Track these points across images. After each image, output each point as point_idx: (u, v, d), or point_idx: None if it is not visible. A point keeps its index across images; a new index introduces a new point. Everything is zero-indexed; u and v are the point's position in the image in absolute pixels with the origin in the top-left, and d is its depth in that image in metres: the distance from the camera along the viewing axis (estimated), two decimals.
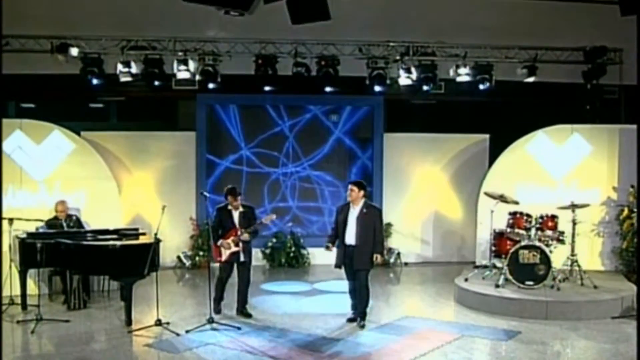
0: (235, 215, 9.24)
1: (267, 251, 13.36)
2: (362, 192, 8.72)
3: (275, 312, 9.68)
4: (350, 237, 8.65)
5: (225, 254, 9.22)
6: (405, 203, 13.85)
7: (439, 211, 13.92)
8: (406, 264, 13.46)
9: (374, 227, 8.67)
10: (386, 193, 13.68)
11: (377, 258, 8.66)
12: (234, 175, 13.54)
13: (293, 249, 13.29)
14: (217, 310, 9.29)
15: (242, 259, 9.24)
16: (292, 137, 13.84)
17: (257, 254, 13.25)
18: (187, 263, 13.08)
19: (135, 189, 12.96)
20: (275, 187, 13.84)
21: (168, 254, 12.72)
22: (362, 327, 8.74)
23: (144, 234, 9.69)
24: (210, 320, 8.72)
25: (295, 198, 13.91)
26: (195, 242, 13.09)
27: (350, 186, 8.78)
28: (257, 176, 13.74)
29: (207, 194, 9.49)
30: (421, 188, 13.86)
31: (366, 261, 8.63)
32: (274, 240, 13.42)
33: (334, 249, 8.84)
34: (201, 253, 12.85)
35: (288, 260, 13.28)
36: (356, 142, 14.01)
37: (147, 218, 12.32)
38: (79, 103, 13.74)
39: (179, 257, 13.14)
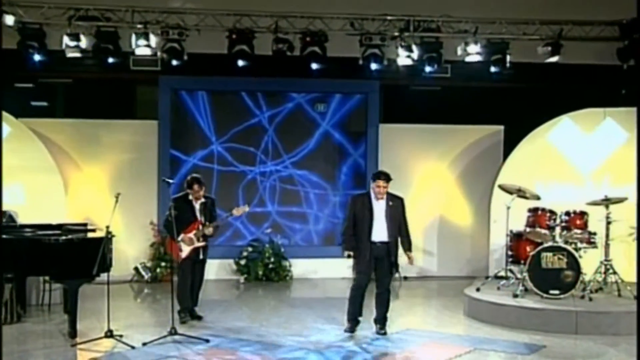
0: (197, 206, 9.38)
1: (242, 262, 13.19)
2: (389, 185, 8.81)
3: (252, 323, 9.65)
4: (381, 233, 8.66)
5: (186, 251, 9.31)
6: (405, 207, 13.52)
7: (444, 216, 13.84)
8: (405, 278, 13.31)
9: (400, 221, 8.78)
10: None
11: (411, 257, 8.84)
12: (203, 174, 12.79)
13: (272, 259, 13.12)
14: (185, 320, 9.32)
15: (201, 256, 9.43)
16: (271, 130, 13.78)
17: (230, 266, 13.20)
18: (147, 276, 12.94)
19: (84, 187, 12.82)
20: (252, 189, 13.73)
21: (124, 266, 12.60)
22: (384, 333, 8.84)
23: (93, 230, 9.54)
24: (173, 332, 8.56)
25: (275, 202, 13.82)
26: (156, 251, 12.98)
27: (378, 182, 8.70)
28: (230, 176, 13.62)
29: (171, 180, 9.40)
30: (423, 189, 13.80)
31: (395, 261, 8.78)
32: (250, 249, 13.25)
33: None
34: (163, 264, 12.74)
35: (266, 273, 13.12)
36: (347, 136, 13.97)
37: (99, 221, 11.95)
38: (16, 84, 13.27)
39: (136, 269, 12.99)
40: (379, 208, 8.67)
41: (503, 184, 11.06)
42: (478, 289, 10.32)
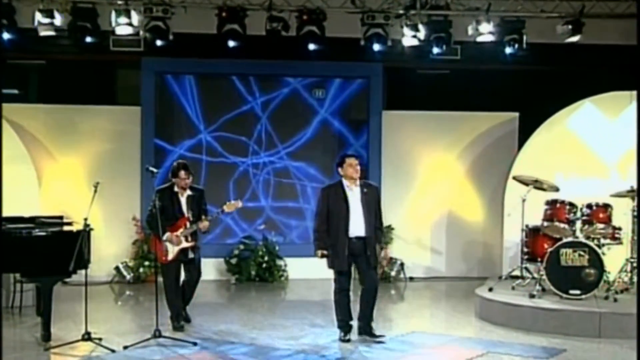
0: (183, 200, 9.18)
1: (233, 261, 13.15)
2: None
3: (244, 325, 9.64)
4: (358, 227, 8.50)
5: (172, 252, 9.10)
6: (410, 201, 13.77)
7: (454, 212, 13.81)
8: (411, 278, 13.35)
9: (376, 211, 8.68)
10: (385, 188, 13.31)
11: (382, 253, 8.91)
12: (191, 166, 12.97)
13: (266, 258, 13.10)
14: (179, 327, 9.15)
15: (190, 255, 9.19)
16: (265, 117, 13.74)
17: (220, 266, 13.16)
18: (128, 276, 12.91)
19: (59, 178, 12.75)
20: (244, 182, 13.67)
21: (104, 265, 12.53)
22: (375, 335, 8.74)
23: (69, 223, 9.44)
24: (157, 334, 8.51)
25: (270, 196, 13.77)
26: (139, 249, 12.95)
27: (350, 160, 8.59)
28: (220, 168, 13.55)
29: (155, 170, 9.17)
30: (431, 182, 13.78)
31: (375, 256, 8.64)
32: (241, 247, 13.21)
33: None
34: (147, 263, 12.69)
35: (259, 273, 13.10)
36: (347, 125, 13.93)
37: (75, 216, 11.85)
38: None
39: (117, 269, 12.96)
40: (354, 197, 8.51)
41: (518, 175, 11.02)
42: (491, 289, 10.29)
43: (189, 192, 9.15)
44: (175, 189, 9.12)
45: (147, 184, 11.57)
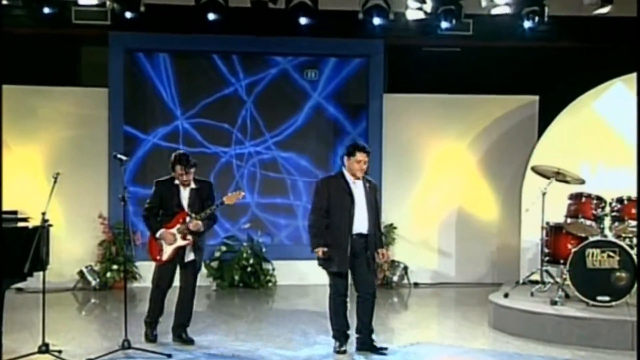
0: (185, 193, 9.06)
1: (214, 265, 13.20)
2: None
3: (225, 336, 9.65)
4: (362, 223, 8.53)
5: (167, 251, 8.99)
6: (415, 197, 13.84)
7: (464, 209, 13.88)
8: (416, 284, 13.46)
9: (376, 209, 8.77)
10: (387, 182, 13.52)
11: (384, 255, 8.76)
12: (166, 156, 12.97)
13: (251, 261, 13.13)
14: (152, 338, 9.08)
15: (188, 258, 9.08)
16: (250, 102, 13.79)
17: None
18: (94, 282, 12.92)
19: (14, 170, 12.43)
20: (226, 175, 13.70)
21: (66, 270, 12.58)
22: (377, 348, 8.67)
23: (25, 219, 9.24)
24: (126, 345, 8.49)
25: (255, 191, 13.84)
26: (106, 251, 12.99)
27: (358, 156, 8.55)
28: (199, 159, 12.61)
29: (124, 157, 9.10)
30: (438, 175, 13.86)
31: (372, 256, 8.65)
32: (224, 249, 13.27)
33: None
34: (115, 267, 12.71)
35: (244, 278, 13.14)
36: (344, 110, 14.00)
37: (32, 212, 11.68)
38: None
39: (81, 274, 12.96)
40: (359, 192, 8.55)
41: (538, 165, 11.02)
42: (506, 295, 10.28)
43: (193, 185, 9.07)
44: (176, 181, 9.04)
45: (116, 176, 11.58)
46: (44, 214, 8.48)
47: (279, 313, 11.61)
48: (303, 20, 12.03)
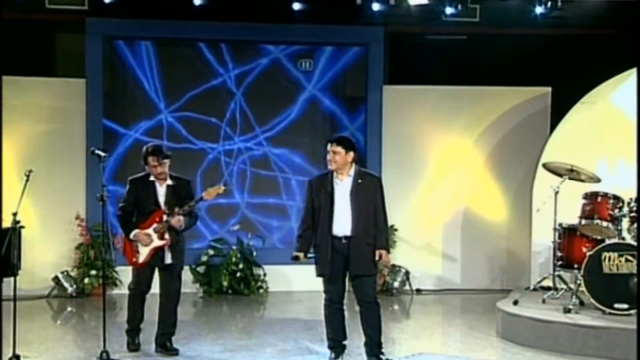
0: (162, 190, 9.07)
1: (200, 269, 13.23)
2: (350, 154, 8.60)
3: (212, 346, 9.68)
4: (342, 225, 8.49)
5: (143, 253, 9.00)
6: (417, 197, 13.84)
7: (471, 209, 13.87)
8: (419, 291, 13.49)
9: (375, 206, 8.62)
10: (387, 180, 12.88)
11: (383, 256, 8.60)
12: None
13: (241, 266, 13.14)
14: (135, 347, 9.13)
15: (167, 260, 9.07)
16: (240, 94, 13.82)
17: (184, 275, 12.78)
18: (70, 288, 12.89)
19: None
20: (214, 174, 13.67)
21: (40, 275, 12.63)
22: None
23: None
24: (104, 357, 8.55)
25: (245, 191, 13.87)
26: (83, 255, 12.97)
27: (330, 147, 8.59)
28: (184, 156, 13.39)
29: (103, 153, 9.11)
30: (442, 173, 13.85)
31: (369, 261, 8.54)
32: (211, 252, 13.27)
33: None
34: (93, 272, 12.71)
35: (233, 284, 13.14)
36: (341, 103, 14.02)
37: (3, 213, 11.76)
38: None
39: (56, 280, 12.94)
40: (342, 191, 8.49)
41: (550, 162, 11.02)
42: (516, 302, 10.28)
43: (169, 181, 9.07)
44: (151, 177, 9.04)
45: (94, 174, 11.48)
46: (15, 214, 8.52)
47: (270, 321, 11.67)
48: (297, 6, 12.17)
